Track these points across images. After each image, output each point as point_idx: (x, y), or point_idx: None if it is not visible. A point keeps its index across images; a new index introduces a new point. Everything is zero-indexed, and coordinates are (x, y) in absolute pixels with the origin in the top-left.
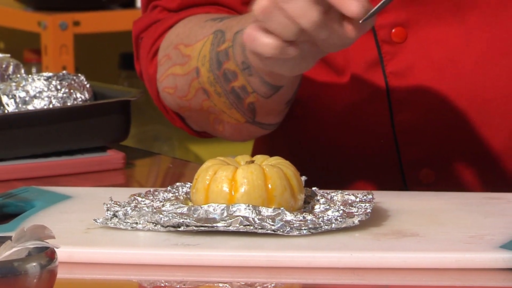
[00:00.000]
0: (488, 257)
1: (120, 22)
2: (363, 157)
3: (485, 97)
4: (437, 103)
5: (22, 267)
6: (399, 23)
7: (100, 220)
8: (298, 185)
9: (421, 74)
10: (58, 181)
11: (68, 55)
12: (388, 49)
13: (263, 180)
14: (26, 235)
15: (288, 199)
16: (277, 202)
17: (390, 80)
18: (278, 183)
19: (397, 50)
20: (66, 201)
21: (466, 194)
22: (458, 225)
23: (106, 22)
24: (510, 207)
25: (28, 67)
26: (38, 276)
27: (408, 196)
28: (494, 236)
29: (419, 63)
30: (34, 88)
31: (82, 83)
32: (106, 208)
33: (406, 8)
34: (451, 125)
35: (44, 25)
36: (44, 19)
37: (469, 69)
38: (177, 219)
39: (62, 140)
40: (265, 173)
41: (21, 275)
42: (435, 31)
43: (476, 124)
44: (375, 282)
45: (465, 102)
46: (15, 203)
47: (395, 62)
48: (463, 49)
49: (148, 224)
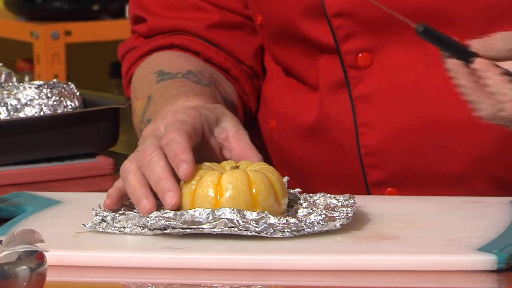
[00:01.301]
0: (466, 260)
1: (111, 32)
2: (331, 174)
3: (446, 121)
4: (400, 127)
5: (12, 270)
6: (365, 48)
7: (89, 225)
8: (281, 190)
9: (385, 98)
10: (48, 186)
11: (60, 64)
12: (354, 74)
13: (247, 185)
14: (16, 239)
15: (272, 203)
16: (261, 206)
17: (356, 104)
18: (262, 188)
19: (362, 75)
20: (56, 205)
21: (445, 198)
22: (437, 228)
23: (97, 32)
24: (487, 211)
25: (21, 76)
26: (27, 279)
27: (389, 200)
28: (472, 239)
29: (384, 87)
30: (25, 96)
31: (72, 91)
32: (95, 213)
33: (372, 35)
34: (413, 148)
35: (36, 35)
36: (36, 29)
37: (431, 94)
38: (163, 221)
39: (52, 147)
40: (250, 178)
41: (11, 278)
42: (399, 57)
43: (437, 147)
44: (356, 284)
45: (427, 126)
46: (7, 207)
47: (361, 87)
48: (425, 74)
49: (135, 228)
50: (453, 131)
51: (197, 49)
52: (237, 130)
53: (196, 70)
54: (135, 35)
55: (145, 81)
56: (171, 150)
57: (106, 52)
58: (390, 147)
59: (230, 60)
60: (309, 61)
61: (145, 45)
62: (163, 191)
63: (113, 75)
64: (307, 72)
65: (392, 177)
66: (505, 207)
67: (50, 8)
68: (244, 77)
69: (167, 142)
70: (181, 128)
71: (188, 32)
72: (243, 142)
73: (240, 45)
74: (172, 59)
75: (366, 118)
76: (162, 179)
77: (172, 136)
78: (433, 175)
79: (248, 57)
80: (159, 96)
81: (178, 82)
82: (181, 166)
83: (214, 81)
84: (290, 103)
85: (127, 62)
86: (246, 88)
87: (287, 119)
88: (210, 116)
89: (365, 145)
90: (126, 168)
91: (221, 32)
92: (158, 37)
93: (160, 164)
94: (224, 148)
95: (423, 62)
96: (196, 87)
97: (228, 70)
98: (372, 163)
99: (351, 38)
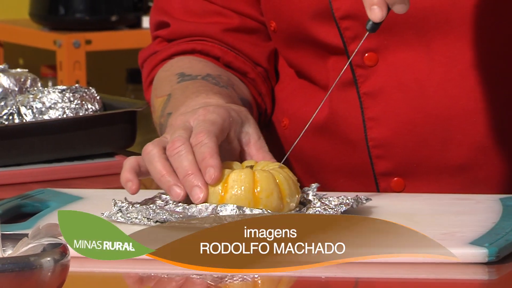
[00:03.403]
0: (459, 252)
1: (128, 41)
2: (340, 166)
3: (448, 115)
4: (405, 120)
5: (37, 261)
6: (371, 48)
7: (106, 214)
8: (288, 189)
9: (391, 94)
10: (70, 183)
11: (81, 71)
12: (361, 72)
13: (251, 184)
14: (41, 233)
15: (274, 202)
16: (263, 204)
17: (364, 100)
18: (265, 187)
19: (369, 73)
20: (77, 201)
21: (438, 195)
22: (431, 223)
23: (115, 41)
24: (478, 207)
25: (45, 81)
26: (52, 270)
27: (386, 197)
28: (465, 233)
29: (389, 84)
30: (50, 100)
31: (93, 95)
32: (114, 203)
33: (377, 35)
34: (418, 140)
35: (59, 44)
36: (59, 38)
37: (433, 90)
38: (161, 215)
39: (74, 147)
40: (255, 177)
41: (36, 269)
42: (403, 55)
43: (440, 139)
44: (357, 275)
45: (430, 119)
46: (32, 203)
47: (367, 84)
48: (427, 71)
49: (143, 219)
50: (454, 123)
51: (217, 54)
52: (258, 138)
53: (215, 74)
54: (157, 40)
55: (166, 81)
56: (199, 152)
57: (123, 59)
58: (396, 140)
59: (248, 63)
60: (319, 63)
61: (167, 50)
62: (191, 186)
63: (129, 80)
64: (318, 73)
65: (398, 168)
66: (494, 203)
67: (72, 19)
68: (261, 80)
69: (196, 143)
70: (210, 130)
71: (207, 35)
72: (264, 151)
73: (256, 48)
74: (192, 63)
75: (373, 113)
76: (190, 174)
77: (201, 138)
78: (437, 165)
79: (264, 60)
80: (180, 93)
81: (197, 82)
82: (209, 170)
83: (232, 83)
84: (302, 103)
85: (148, 66)
86: (263, 90)
87: (299, 118)
88: (236, 118)
89: (372, 138)
90: (149, 151)
91: (239, 36)
92: (179, 42)
93: (189, 158)
94: (244, 152)
95: (425, 59)
96: (215, 88)
97: (246, 73)
98: (380, 155)
99: (358, 39)
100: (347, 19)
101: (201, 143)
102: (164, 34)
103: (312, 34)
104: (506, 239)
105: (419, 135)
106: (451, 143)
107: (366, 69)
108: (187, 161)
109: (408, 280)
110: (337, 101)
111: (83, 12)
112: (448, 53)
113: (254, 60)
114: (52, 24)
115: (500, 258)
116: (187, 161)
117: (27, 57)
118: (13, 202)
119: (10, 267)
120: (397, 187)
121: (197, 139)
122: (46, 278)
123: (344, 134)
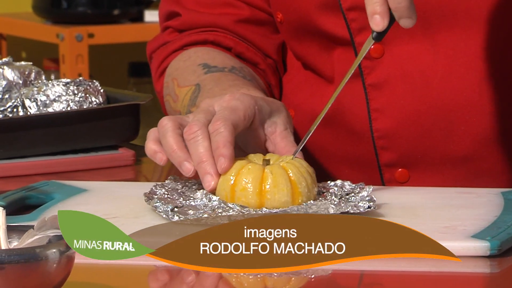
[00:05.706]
0: (460, 246)
1: (130, 35)
2: (345, 157)
3: (452, 106)
4: (409, 112)
5: (43, 253)
6: None
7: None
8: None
9: (395, 86)
10: (74, 176)
11: (83, 64)
12: (367, 64)
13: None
14: (47, 224)
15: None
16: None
17: (369, 91)
18: (272, 184)
19: (375, 64)
20: (82, 193)
21: (440, 189)
22: (433, 216)
23: (117, 35)
24: (479, 200)
25: (48, 74)
26: (57, 261)
27: (388, 191)
28: (466, 226)
29: (394, 76)
30: (54, 93)
31: (97, 88)
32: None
33: None
34: (422, 131)
35: (62, 37)
36: (62, 32)
37: (437, 82)
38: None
39: (78, 139)
40: (264, 174)
41: (42, 261)
42: (408, 48)
43: (444, 130)
44: (360, 267)
45: (434, 111)
46: (37, 195)
47: (373, 76)
48: (432, 64)
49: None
50: (458, 114)
51: (229, 45)
52: (285, 128)
53: (238, 66)
54: (168, 30)
55: (189, 71)
56: (214, 140)
57: (125, 53)
58: (400, 131)
59: (259, 54)
60: (325, 55)
61: (178, 41)
62: (204, 173)
63: (131, 74)
64: (323, 65)
65: (403, 158)
66: (495, 197)
67: (74, 13)
68: (271, 71)
69: (212, 131)
70: (228, 118)
71: (219, 26)
72: (288, 140)
73: (266, 40)
74: (211, 55)
75: (378, 105)
76: (205, 162)
77: (218, 126)
78: (440, 156)
79: (273, 51)
80: (213, 85)
81: (229, 75)
82: (220, 160)
83: (253, 76)
84: (308, 95)
85: (159, 56)
86: (272, 81)
87: (305, 110)
88: (264, 107)
89: (377, 129)
90: (164, 124)
91: (249, 27)
92: (190, 32)
93: (204, 144)
94: (269, 140)
95: (429, 52)
96: (246, 82)
97: (257, 64)
98: (384, 146)
99: (364, 31)
100: (354, 10)
101: (217, 131)
102: (175, 24)
103: (319, 25)
104: (508, 233)
105: (423, 127)
106: (455, 135)
107: (372, 61)
108: (202, 148)
109: (410, 273)
110: (343, 93)
111: (86, 5)
112: (452, 45)
113: (264, 51)
114: (54, 18)
115: (502, 252)
116: (202, 148)
117: (30, 50)
118: (17, 194)
119: (16, 259)
120: (401, 178)
121: (214, 127)
122: (51, 269)
123: (349, 125)
